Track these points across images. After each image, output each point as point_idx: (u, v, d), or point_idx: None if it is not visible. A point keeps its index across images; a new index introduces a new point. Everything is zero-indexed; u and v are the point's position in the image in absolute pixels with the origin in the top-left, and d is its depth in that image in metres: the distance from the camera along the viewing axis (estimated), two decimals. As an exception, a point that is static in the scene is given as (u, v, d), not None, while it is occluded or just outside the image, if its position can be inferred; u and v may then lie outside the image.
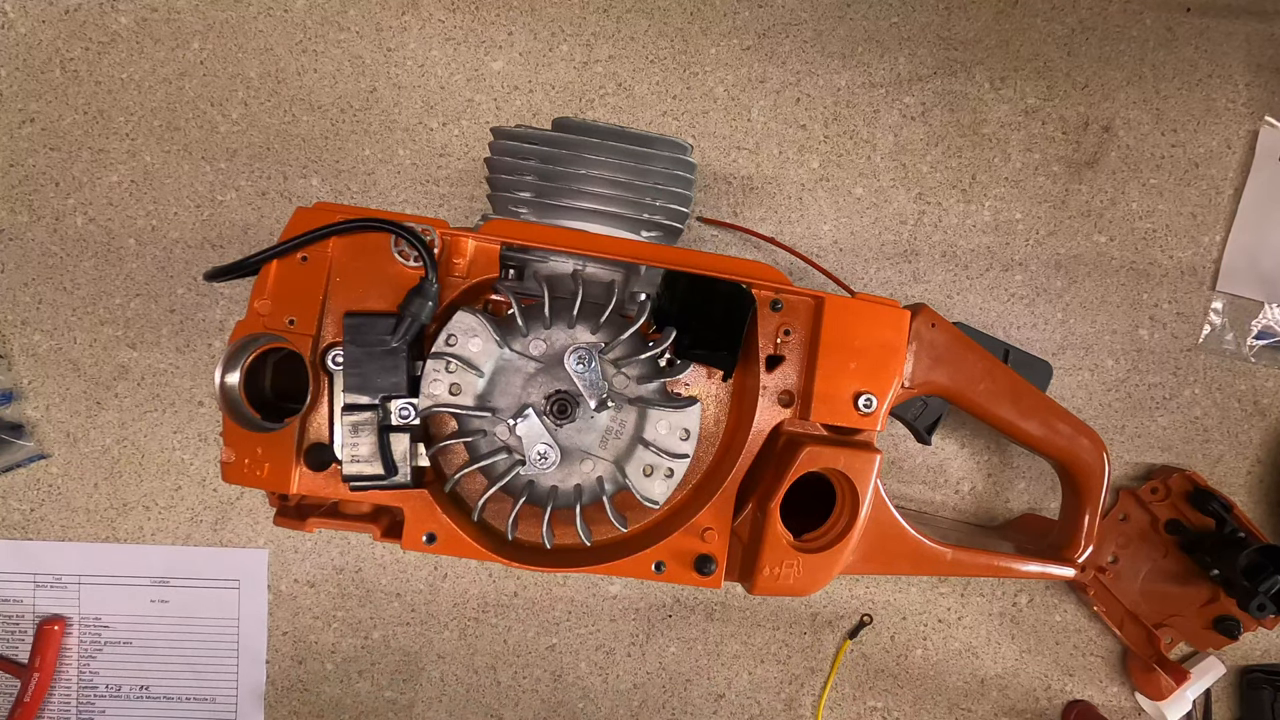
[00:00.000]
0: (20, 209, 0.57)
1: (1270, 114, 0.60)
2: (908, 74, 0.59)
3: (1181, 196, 0.60)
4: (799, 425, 0.44)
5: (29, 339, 0.57)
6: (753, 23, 0.58)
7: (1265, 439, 0.61)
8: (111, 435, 0.58)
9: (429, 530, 0.42)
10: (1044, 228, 0.60)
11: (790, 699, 0.61)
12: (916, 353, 0.45)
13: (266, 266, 0.41)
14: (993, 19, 0.59)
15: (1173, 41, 0.60)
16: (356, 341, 0.40)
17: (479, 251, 0.41)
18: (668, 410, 0.42)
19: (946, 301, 0.59)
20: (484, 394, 0.42)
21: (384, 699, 0.59)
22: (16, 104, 0.56)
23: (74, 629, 0.59)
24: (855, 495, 0.43)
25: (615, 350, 0.42)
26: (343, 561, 0.59)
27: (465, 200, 0.58)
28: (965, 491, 0.60)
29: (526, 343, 0.42)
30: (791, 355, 0.43)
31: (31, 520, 0.58)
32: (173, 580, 0.59)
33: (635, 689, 0.60)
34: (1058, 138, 0.60)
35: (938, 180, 0.59)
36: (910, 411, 0.53)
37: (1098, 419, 0.60)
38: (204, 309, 0.57)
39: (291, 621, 0.59)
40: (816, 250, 0.59)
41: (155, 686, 0.59)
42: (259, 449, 0.41)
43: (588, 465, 0.43)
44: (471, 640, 0.59)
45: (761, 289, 0.43)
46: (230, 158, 0.57)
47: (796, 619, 0.60)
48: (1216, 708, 0.61)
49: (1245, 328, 0.60)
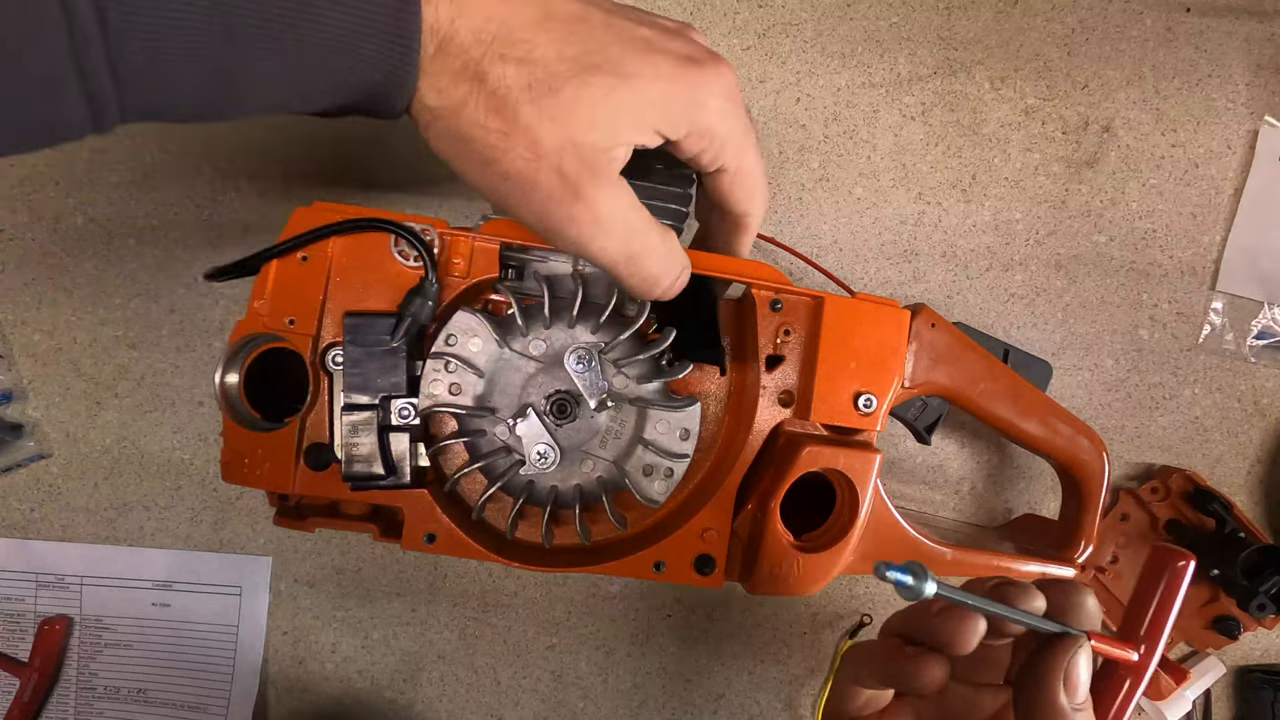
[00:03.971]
0: (20, 209, 0.57)
1: (1270, 114, 0.60)
2: (908, 74, 0.59)
3: (1181, 196, 0.60)
4: (799, 425, 0.44)
5: (29, 339, 0.57)
6: (753, 23, 0.58)
7: (1265, 439, 0.61)
8: (111, 435, 0.58)
9: (429, 530, 0.42)
10: (1044, 228, 0.60)
11: (790, 699, 0.61)
12: (916, 353, 0.45)
13: (266, 266, 0.41)
14: (993, 19, 0.59)
15: (1173, 41, 0.60)
16: (356, 341, 0.40)
17: (479, 251, 0.41)
18: (667, 410, 0.42)
19: (946, 301, 0.59)
20: (484, 394, 0.42)
21: (384, 699, 0.59)
22: (16, 104, 0.56)
23: (75, 630, 0.59)
24: (855, 495, 0.43)
25: (615, 350, 0.42)
26: (343, 561, 0.59)
27: (465, 200, 0.58)
28: (965, 491, 0.60)
29: (526, 343, 0.42)
30: (791, 355, 0.43)
31: (31, 520, 0.58)
32: (175, 584, 0.59)
33: (635, 689, 0.60)
34: (1058, 138, 0.60)
35: (938, 180, 0.59)
36: (910, 411, 0.53)
37: (1098, 419, 0.60)
38: (204, 309, 0.57)
39: (291, 621, 0.59)
40: (816, 250, 0.59)
41: (152, 691, 0.59)
42: (259, 449, 0.41)
43: (588, 465, 0.43)
44: (471, 640, 0.59)
45: (761, 289, 0.43)
46: (230, 158, 0.57)
47: (796, 619, 0.60)
48: (1216, 708, 0.61)
49: (1245, 328, 0.60)
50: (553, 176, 0.33)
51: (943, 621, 0.32)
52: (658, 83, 0.34)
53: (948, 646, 0.32)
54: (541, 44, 0.32)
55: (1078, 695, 0.31)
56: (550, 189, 0.33)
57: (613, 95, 0.33)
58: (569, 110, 0.32)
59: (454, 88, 0.32)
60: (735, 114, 0.36)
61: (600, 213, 0.34)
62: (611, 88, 0.33)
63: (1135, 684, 0.33)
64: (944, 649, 0.33)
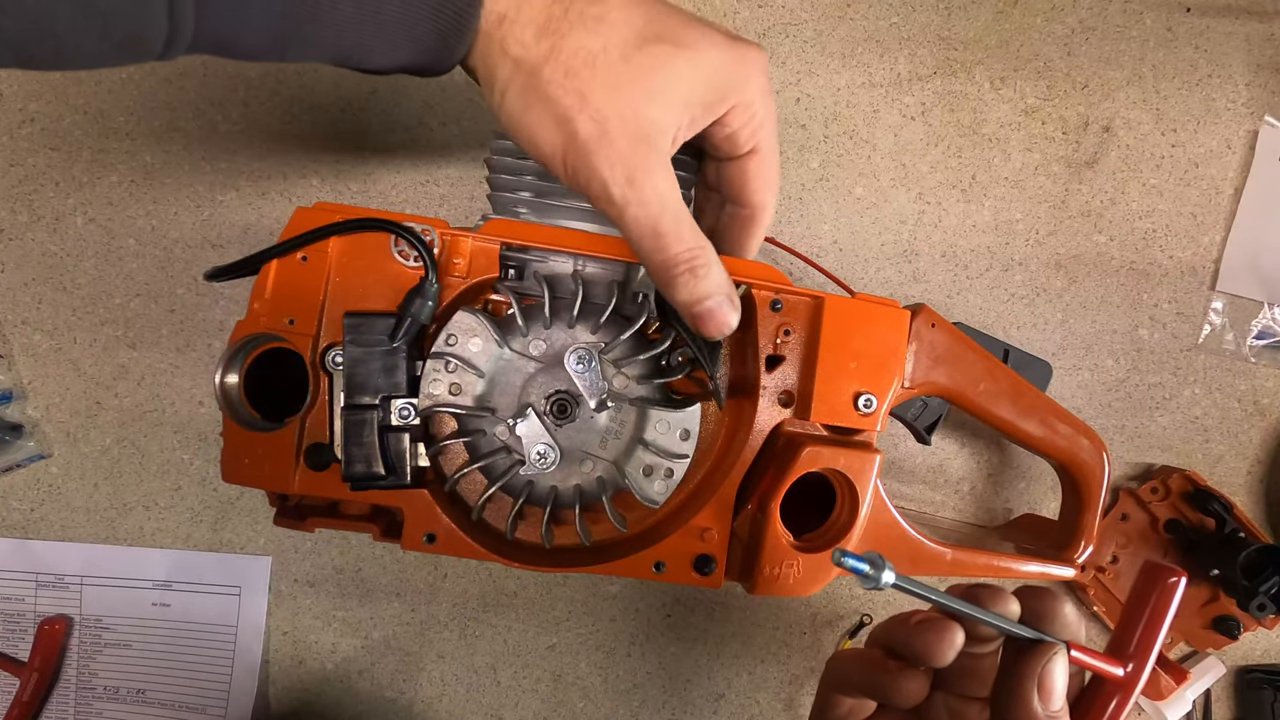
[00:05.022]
0: (20, 209, 0.57)
1: (1270, 114, 0.60)
2: (908, 74, 0.59)
3: (1181, 196, 0.60)
4: (799, 425, 0.44)
5: (29, 339, 0.57)
6: (752, 23, 0.58)
7: (1265, 439, 0.61)
8: (111, 435, 0.58)
9: (429, 530, 0.42)
10: (1044, 228, 0.60)
11: (790, 699, 0.60)
12: (916, 353, 0.45)
13: (266, 266, 0.41)
14: (993, 19, 0.59)
15: (1173, 41, 0.60)
16: (356, 341, 0.40)
17: (479, 251, 0.41)
18: (668, 410, 0.42)
19: (946, 301, 0.59)
20: (484, 394, 0.42)
21: (384, 699, 0.59)
22: (16, 104, 0.56)
23: (75, 630, 0.59)
24: (855, 495, 0.43)
25: (615, 350, 0.42)
26: (343, 561, 0.59)
27: (465, 200, 0.58)
28: (965, 491, 0.60)
29: (526, 343, 0.42)
30: (791, 355, 0.43)
31: (31, 520, 0.58)
32: (175, 584, 0.59)
33: (635, 689, 0.60)
34: (1058, 138, 0.60)
35: (938, 180, 0.59)
36: (910, 411, 0.53)
37: (1098, 419, 0.60)
38: (204, 309, 0.57)
39: (291, 621, 0.59)
40: (816, 250, 0.59)
41: (152, 691, 0.59)
42: (259, 449, 0.41)
43: (587, 465, 0.43)
44: (471, 640, 0.59)
45: (761, 289, 0.43)
46: (230, 158, 0.57)
47: (796, 619, 0.60)
48: (1216, 708, 0.61)
49: (1245, 328, 0.60)
50: (618, 142, 0.34)
51: (920, 633, 0.32)
52: (713, 52, 0.35)
53: (925, 658, 0.32)
54: (614, 8, 0.34)
55: (1053, 702, 0.31)
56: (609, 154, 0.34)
57: (673, 63, 0.34)
58: (635, 79, 0.34)
59: (536, 42, 0.33)
60: (771, 95, 0.38)
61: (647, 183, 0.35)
62: (672, 56, 0.34)
63: (1124, 700, 0.33)
64: (922, 660, 0.33)
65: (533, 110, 0.34)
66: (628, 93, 0.34)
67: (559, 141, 0.34)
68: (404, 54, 0.33)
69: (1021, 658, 0.32)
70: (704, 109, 0.36)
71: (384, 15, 0.31)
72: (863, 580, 0.29)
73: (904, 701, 0.33)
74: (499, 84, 0.34)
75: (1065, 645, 0.32)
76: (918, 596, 0.30)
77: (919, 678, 0.33)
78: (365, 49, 0.32)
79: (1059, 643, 0.32)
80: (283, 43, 0.31)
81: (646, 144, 0.34)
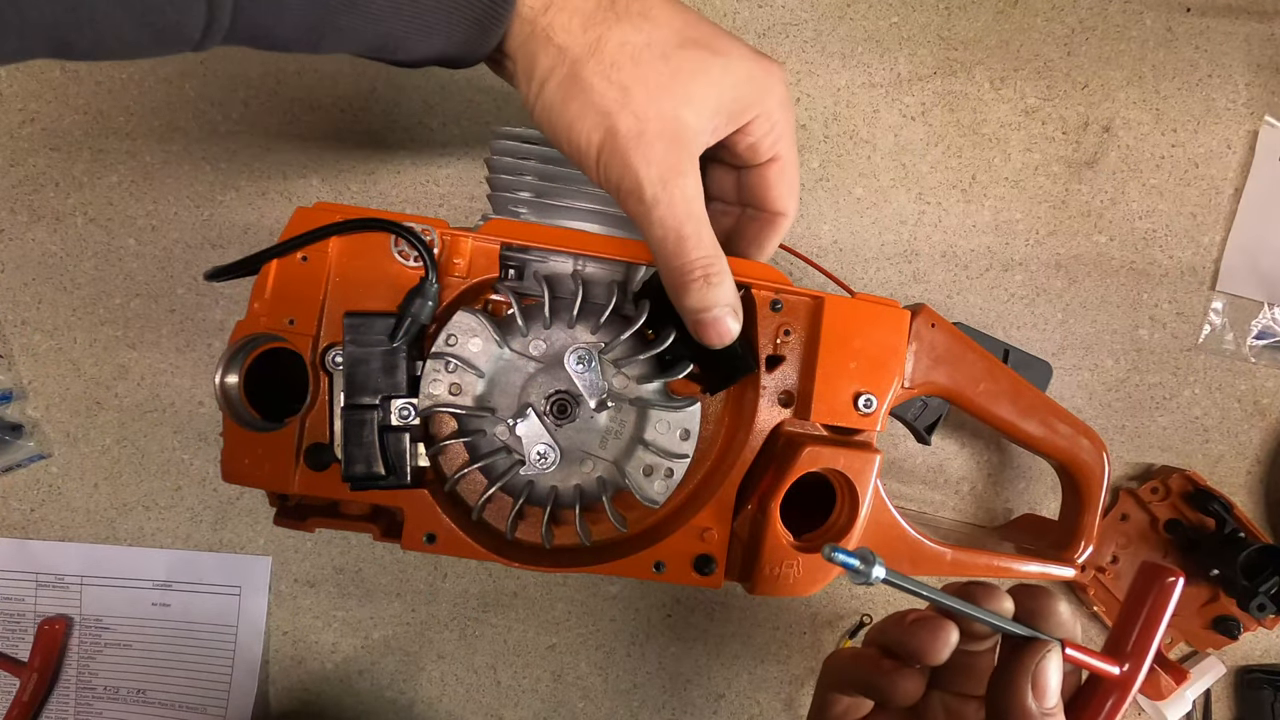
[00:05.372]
0: (20, 209, 0.57)
1: (1270, 114, 0.60)
2: (908, 74, 0.59)
3: (1181, 196, 0.60)
4: (799, 425, 0.44)
5: (29, 339, 0.57)
6: (753, 23, 0.58)
7: (1265, 439, 0.61)
8: (111, 435, 0.58)
9: (429, 530, 0.42)
10: (1044, 228, 0.60)
11: (790, 699, 0.61)
12: (916, 353, 0.45)
13: (266, 266, 0.41)
14: (993, 19, 0.59)
15: (1173, 41, 0.60)
16: (356, 341, 0.40)
17: (479, 251, 0.41)
18: (668, 410, 0.42)
19: (946, 301, 0.59)
20: (484, 394, 0.42)
21: (384, 699, 0.59)
22: (16, 104, 0.56)
23: (75, 630, 0.59)
24: (855, 495, 0.43)
25: (615, 350, 0.42)
26: (343, 561, 0.59)
27: (465, 200, 0.58)
28: (965, 491, 0.60)
29: (526, 343, 0.42)
30: (791, 355, 0.43)
31: (32, 520, 0.58)
32: (175, 584, 0.59)
33: (635, 689, 0.60)
34: (1058, 138, 0.60)
35: (938, 180, 0.59)
36: (910, 411, 0.53)
37: (1098, 419, 0.60)
38: (204, 309, 0.57)
39: (291, 621, 0.59)
40: (816, 250, 0.59)
41: (152, 691, 0.59)
42: (259, 449, 0.41)
43: (588, 465, 0.43)
44: (471, 640, 0.59)
45: (761, 289, 0.43)
46: (230, 158, 0.57)
47: (796, 619, 0.60)
48: (1216, 708, 0.61)
49: (1245, 328, 0.60)
50: (657, 143, 0.34)
51: (915, 631, 0.32)
52: (743, 62, 0.36)
53: (921, 656, 0.32)
54: (656, 5, 0.34)
55: (1046, 699, 0.31)
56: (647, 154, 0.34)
57: (708, 69, 0.35)
58: (674, 79, 0.34)
59: (584, 31, 0.33)
60: (792, 107, 0.39)
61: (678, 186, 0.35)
62: (707, 61, 0.35)
63: (1120, 699, 0.33)
64: (918, 659, 0.33)
65: (574, 102, 0.34)
66: (668, 93, 0.34)
67: (598, 136, 0.34)
68: (439, 42, 0.33)
69: (1016, 655, 0.32)
70: (729, 117, 0.36)
71: (421, 2, 0.31)
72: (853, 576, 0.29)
73: (900, 700, 0.33)
74: (539, 72, 0.34)
75: (1060, 643, 0.32)
76: (909, 592, 0.30)
77: (915, 676, 0.33)
78: (401, 38, 0.32)
79: (1053, 640, 0.32)
80: (318, 32, 0.30)
81: (682, 146, 0.35)
